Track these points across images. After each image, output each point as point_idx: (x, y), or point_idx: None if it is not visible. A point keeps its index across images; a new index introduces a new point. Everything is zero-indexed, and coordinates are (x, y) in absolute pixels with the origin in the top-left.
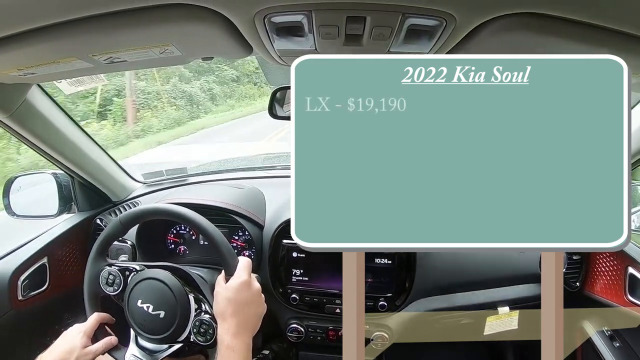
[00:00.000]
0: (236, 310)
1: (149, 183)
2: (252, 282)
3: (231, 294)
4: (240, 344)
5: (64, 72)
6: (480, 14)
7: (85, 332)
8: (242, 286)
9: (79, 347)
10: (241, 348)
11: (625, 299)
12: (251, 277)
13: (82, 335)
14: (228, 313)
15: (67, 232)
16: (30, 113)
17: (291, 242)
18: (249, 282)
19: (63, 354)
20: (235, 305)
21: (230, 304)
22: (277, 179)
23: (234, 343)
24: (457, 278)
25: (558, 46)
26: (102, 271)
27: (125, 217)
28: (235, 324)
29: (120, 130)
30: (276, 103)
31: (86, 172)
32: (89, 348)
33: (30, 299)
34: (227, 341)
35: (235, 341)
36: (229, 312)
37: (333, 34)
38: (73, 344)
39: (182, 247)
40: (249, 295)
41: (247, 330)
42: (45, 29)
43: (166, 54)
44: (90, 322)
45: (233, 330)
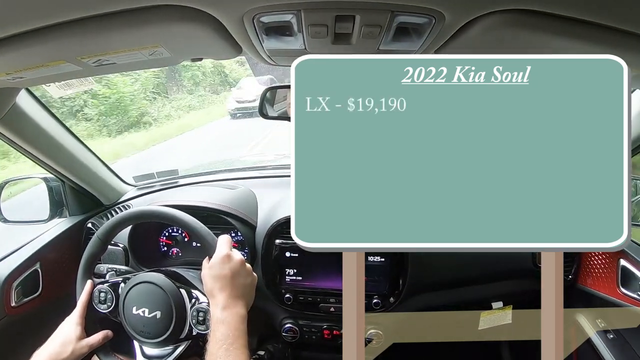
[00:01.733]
0: (223, 284)
1: (140, 186)
2: (233, 254)
3: (215, 271)
4: (230, 316)
5: (53, 76)
6: (469, 11)
7: (80, 324)
8: (223, 260)
9: (74, 339)
10: (232, 320)
11: (617, 291)
12: (231, 251)
13: (77, 327)
14: (216, 289)
15: (59, 237)
16: (19, 117)
17: (284, 242)
18: (229, 255)
19: (59, 347)
20: (221, 280)
21: (216, 280)
22: (269, 179)
23: (223, 316)
24: (451, 275)
25: (549, 43)
26: (94, 290)
27: (102, 231)
28: (224, 297)
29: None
30: (266, 103)
31: (77, 176)
32: (85, 340)
33: (24, 305)
34: (217, 315)
35: (224, 313)
36: (217, 288)
37: (322, 33)
38: (68, 336)
39: (174, 249)
40: (232, 267)
41: (237, 302)
42: (33, 32)
43: (155, 55)
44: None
45: (222, 304)
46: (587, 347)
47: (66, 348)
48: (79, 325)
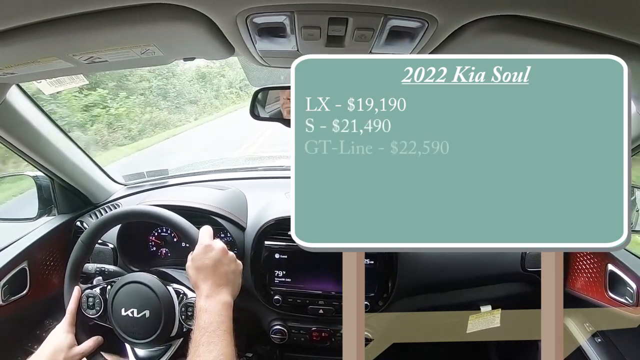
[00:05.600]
0: (206, 275)
1: (130, 185)
2: (214, 244)
3: (197, 262)
4: (213, 304)
5: (44, 72)
6: (462, 16)
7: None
8: (204, 250)
9: (65, 347)
10: (214, 308)
11: (606, 295)
12: (212, 240)
13: (67, 335)
14: (200, 280)
15: (47, 235)
16: (9, 114)
17: (273, 243)
18: (210, 245)
19: (50, 356)
20: (204, 270)
21: (199, 272)
22: (259, 180)
23: (206, 304)
24: (439, 277)
25: (541, 49)
26: (82, 296)
27: (85, 236)
28: (208, 287)
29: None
30: (258, 104)
31: (66, 174)
32: (77, 348)
33: (11, 304)
34: (201, 304)
35: (208, 302)
36: (200, 279)
37: (315, 35)
38: (59, 345)
39: (163, 249)
40: (213, 256)
41: (220, 290)
42: (25, 28)
43: (147, 54)
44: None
45: (205, 293)
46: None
47: (57, 357)
48: (69, 333)
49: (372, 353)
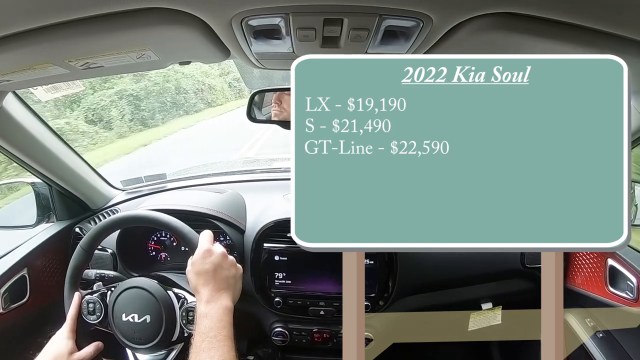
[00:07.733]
0: (206, 279)
1: (128, 190)
2: (214, 248)
3: (197, 267)
4: (213, 309)
5: (40, 79)
6: (457, 15)
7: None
8: (204, 255)
9: (66, 354)
10: (215, 313)
11: (606, 290)
12: (212, 245)
13: (68, 341)
14: (200, 285)
15: (47, 242)
16: (5, 121)
17: (273, 245)
18: (210, 250)
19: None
20: (204, 275)
21: (199, 276)
22: (257, 183)
23: (207, 309)
24: (440, 276)
25: (537, 46)
26: (82, 302)
27: (85, 241)
28: (208, 292)
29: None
30: (254, 107)
31: (64, 181)
32: (77, 354)
33: (11, 312)
34: (201, 309)
35: (208, 307)
36: (200, 284)
37: (310, 37)
38: (60, 351)
39: (163, 253)
40: (213, 260)
41: (221, 295)
42: (20, 34)
43: (143, 58)
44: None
45: (206, 299)
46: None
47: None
48: (70, 339)
49: (373, 353)
